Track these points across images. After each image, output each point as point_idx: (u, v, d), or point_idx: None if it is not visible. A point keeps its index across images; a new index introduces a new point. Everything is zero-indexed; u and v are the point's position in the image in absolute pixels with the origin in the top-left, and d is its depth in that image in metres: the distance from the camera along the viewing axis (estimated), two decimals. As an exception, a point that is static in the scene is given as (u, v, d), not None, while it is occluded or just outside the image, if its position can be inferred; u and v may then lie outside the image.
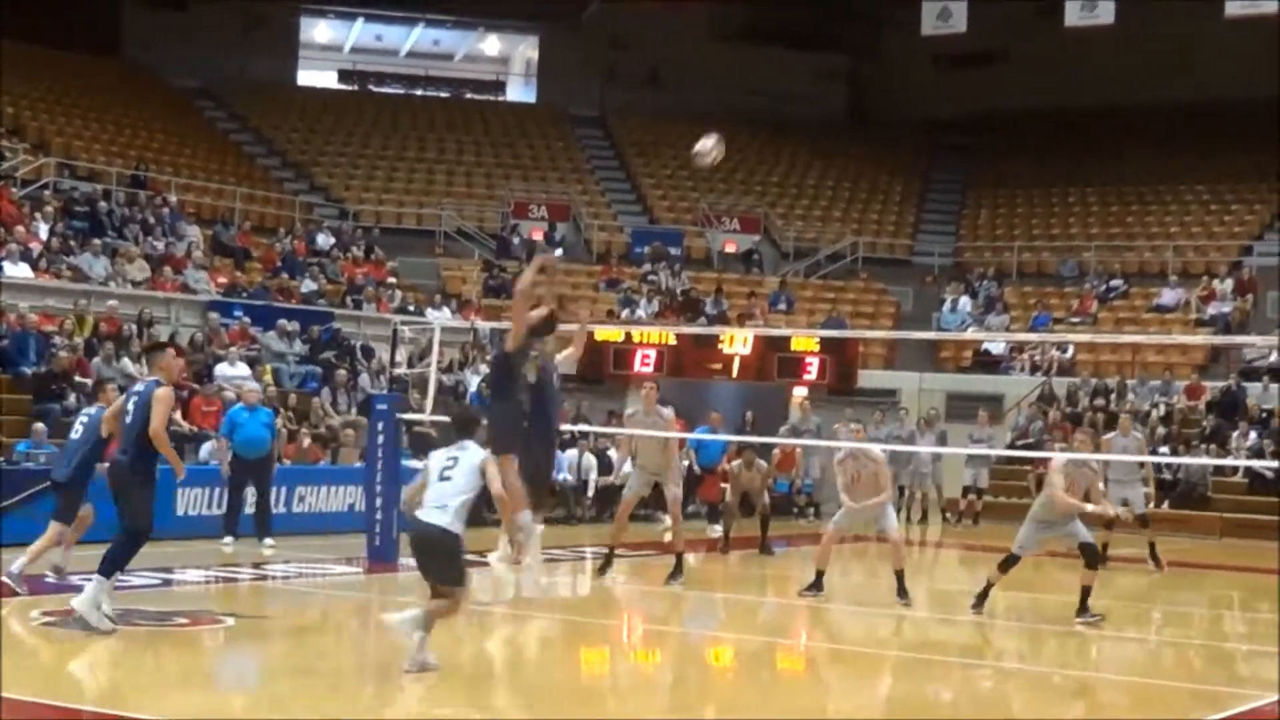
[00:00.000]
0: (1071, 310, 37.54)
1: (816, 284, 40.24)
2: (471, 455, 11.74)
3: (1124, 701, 12.52)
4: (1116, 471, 21.89)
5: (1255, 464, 28.78)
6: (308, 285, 32.22)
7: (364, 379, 28.44)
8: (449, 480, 11.61)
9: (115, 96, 39.93)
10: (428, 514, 11.54)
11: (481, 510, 13.33)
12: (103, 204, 31.10)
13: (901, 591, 17.04)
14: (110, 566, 12.74)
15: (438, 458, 11.85)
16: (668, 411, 19.22)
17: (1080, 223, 42.71)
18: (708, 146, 16.12)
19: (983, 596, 16.45)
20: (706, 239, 41.35)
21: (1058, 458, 16.78)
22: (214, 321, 27.80)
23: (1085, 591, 16.05)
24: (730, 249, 41.29)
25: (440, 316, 31.16)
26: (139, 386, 13.28)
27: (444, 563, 11.64)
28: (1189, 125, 43.47)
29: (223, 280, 30.65)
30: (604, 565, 19.03)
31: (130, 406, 13.03)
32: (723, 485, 25.92)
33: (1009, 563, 16.34)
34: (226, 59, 43.38)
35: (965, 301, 38.06)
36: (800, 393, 33.03)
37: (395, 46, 50.48)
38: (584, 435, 27.78)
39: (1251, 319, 35.89)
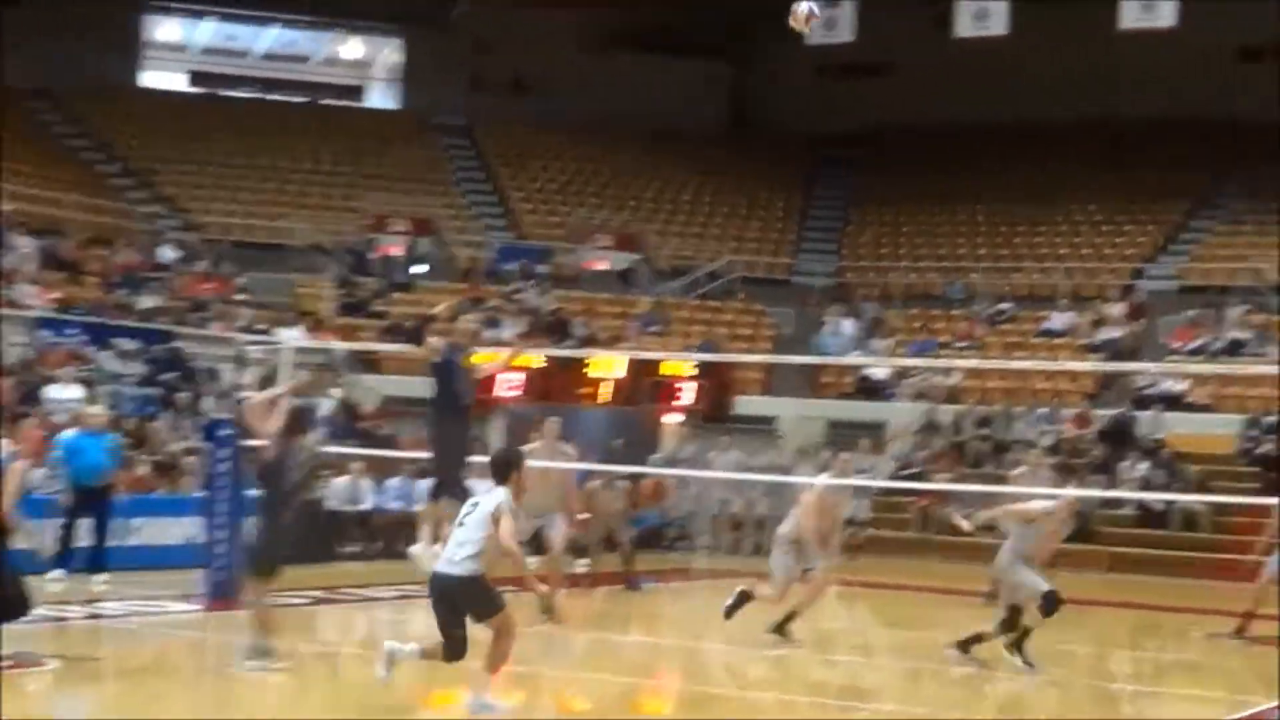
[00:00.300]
0: (958, 334, 37.91)
1: (692, 304, 40.33)
2: (490, 500, 12.32)
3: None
4: None
5: (1145, 496, 29.24)
6: (148, 302, 31.81)
7: (207, 403, 28.12)
8: (463, 526, 12.33)
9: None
10: (441, 564, 12.35)
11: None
12: (-76, 212, 30.61)
13: (782, 629, 17.12)
14: None
15: (467, 505, 12.63)
16: (570, 449, 19.34)
17: (968, 243, 43.15)
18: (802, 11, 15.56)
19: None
20: (576, 256, 41.34)
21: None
22: (42, 340, 27.36)
23: (978, 637, 16.31)
24: (602, 267, 41.31)
25: (291, 336, 30.88)
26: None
27: (476, 603, 12.26)
28: (1080, 143, 44.06)
29: (55, 295, 30.18)
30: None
31: None
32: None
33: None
34: (63, 58, 42.67)
35: (848, 324, 38.32)
36: (673, 419, 33.12)
37: (248, 47, 50.07)
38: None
39: (1143, 345, 36.43)
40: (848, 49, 41.38)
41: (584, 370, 33.13)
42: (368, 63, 51.57)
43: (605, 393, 33.16)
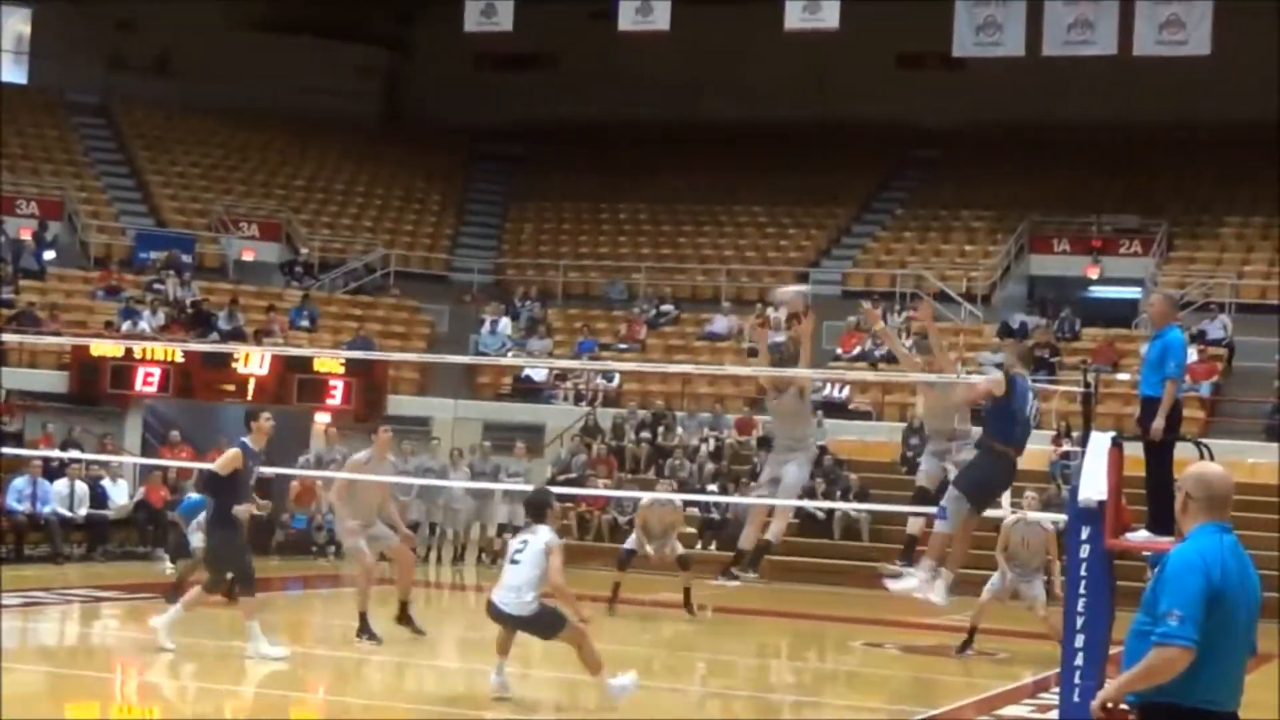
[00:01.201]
0: (619, 336, 38.29)
1: (343, 299, 40.01)
2: (539, 539, 14.32)
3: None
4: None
5: (806, 504, 29.80)
6: None
7: None
8: (519, 564, 14.25)
9: None
10: (505, 601, 14.22)
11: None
12: None
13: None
14: None
15: (514, 542, 14.78)
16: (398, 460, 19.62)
17: (631, 242, 43.60)
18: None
19: None
20: (221, 246, 40.67)
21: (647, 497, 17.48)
22: None
23: None
24: (249, 257, 40.72)
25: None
26: None
27: (547, 629, 14.40)
28: (744, 144, 44.81)
29: None
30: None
31: None
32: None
33: None
34: None
35: (505, 323, 38.41)
36: (323, 419, 32.86)
37: None
38: (75, 461, 27.02)
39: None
40: (507, 39, 41.38)
41: (230, 366, 32.68)
42: (-7, 33, 49.94)
43: (251, 390, 32.78)
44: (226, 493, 16.54)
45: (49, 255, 38.09)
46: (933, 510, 13.86)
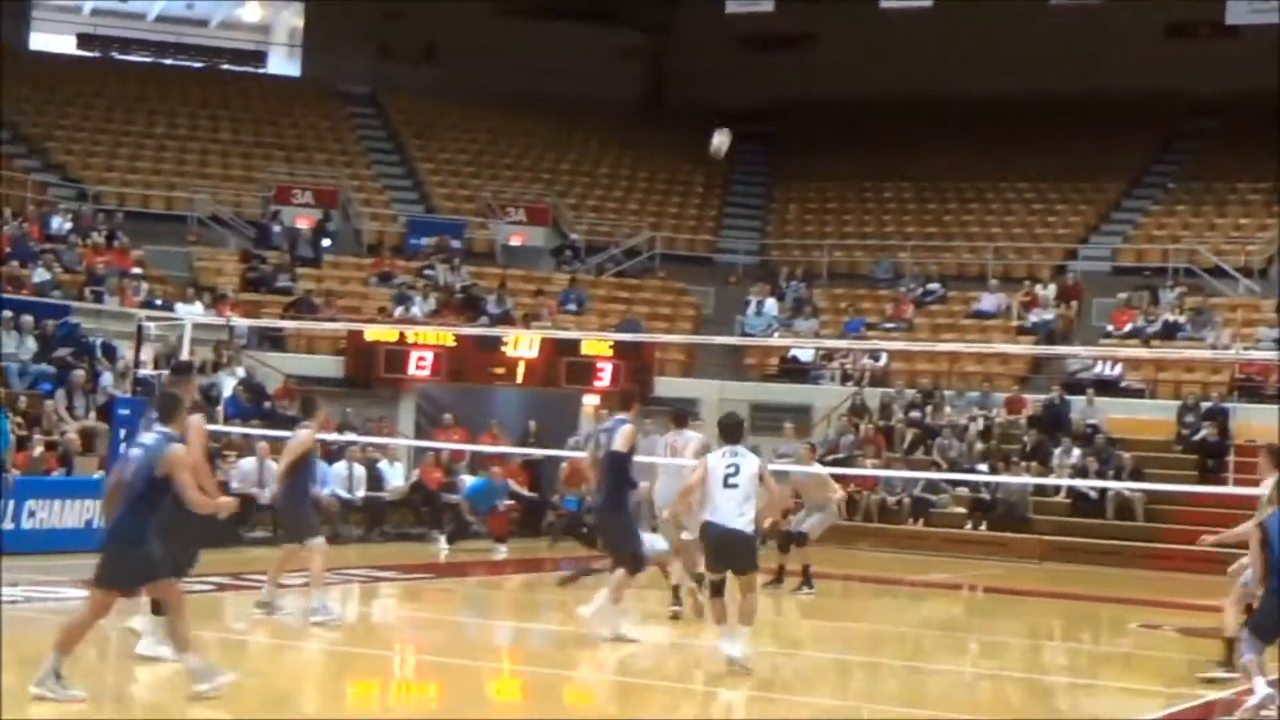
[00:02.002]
0: (886, 315, 38.08)
1: (610, 282, 40.36)
2: (750, 463, 14.63)
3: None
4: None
5: (1078, 483, 29.52)
6: (41, 275, 31.54)
7: (105, 380, 27.94)
8: (736, 487, 14.46)
9: None
10: (729, 519, 14.37)
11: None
12: None
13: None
14: None
15: (716, 459, 14.72)
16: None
17: (896, 221, 43.33)
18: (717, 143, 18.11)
19: None
20: (490, 231, 41.29)
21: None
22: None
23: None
24: (517, 242, 41.26)
25: (192, 312, 30.70)
26: None
27: (744, 558, 14.56)
28: (1012, 120, 44.23)
29: (-58, 267, 29.93)
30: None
31: None
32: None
33: None
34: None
35: (771, 304, 38.42)
36: (591, 401, 33.17)
37: (142, 10, 49.64)
38: (352, 444, 27.64)
39: (1075, 328, 36.73)
40: (769, 19, 41.48)
41: (500, 349, 33.17)
42: (267, 27, 51.25)
43: (521, 373, 33.26)
44: (624, 473, 16.75)
45: (325, 243, 39.00)
46: None
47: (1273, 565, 13.39)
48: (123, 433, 19.26)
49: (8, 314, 28.06)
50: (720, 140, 19.49)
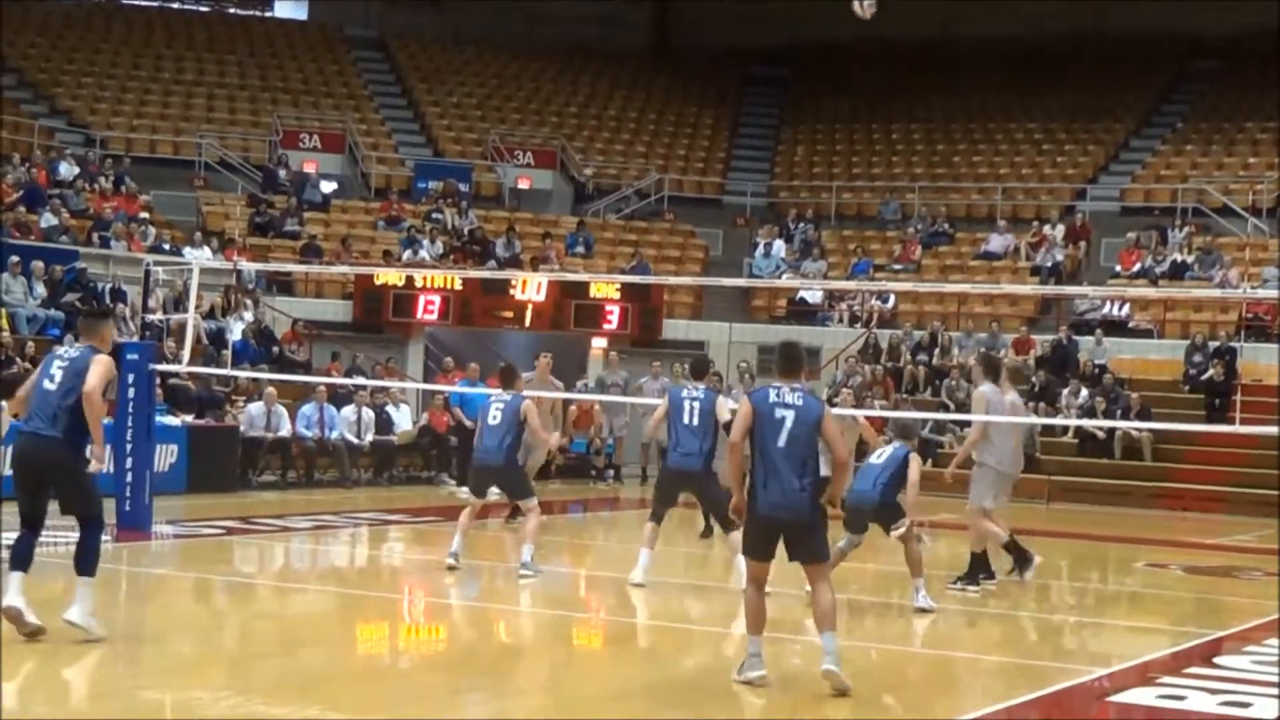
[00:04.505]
0: (894, 256, 38.04)
1: (618, 225, 40.31)
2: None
3: (944, 678, 12.77)
4: None
5: (1086, 423, 29.49)
6: (48, 220, 31.54)
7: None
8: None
9: None
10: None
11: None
12: None
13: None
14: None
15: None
16: (558, 382, 19.88)
17: (904, 162, 43.26)
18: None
19: None
20: (497, 174, 41.22)
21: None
22: (-60, 260, 27.14)
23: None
24: (525, 185, 41.20)
25: (200, 256, 30.75)
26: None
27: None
28: (1020, 62, 44.15)
29: (-50, 214, 29.92)
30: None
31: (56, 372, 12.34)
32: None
33: None
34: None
35: (779, 246, 38.40)
36: (600, 343, 33.18)
37: (148, -46, 49.39)
38: (360, 389, 27.66)
39: (1084, 268, 36.69)
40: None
41: (508, 293, 33.16)
42: (274, -29, 51.04)
43: (529, 316, 33.26)
44: None
45: (331, 187, 38.97)
46: None
47: None
48: (130, 377, 19.22)
49: (15, 259, 28.10)
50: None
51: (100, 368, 12.14)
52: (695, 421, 15.96)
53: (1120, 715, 11.51)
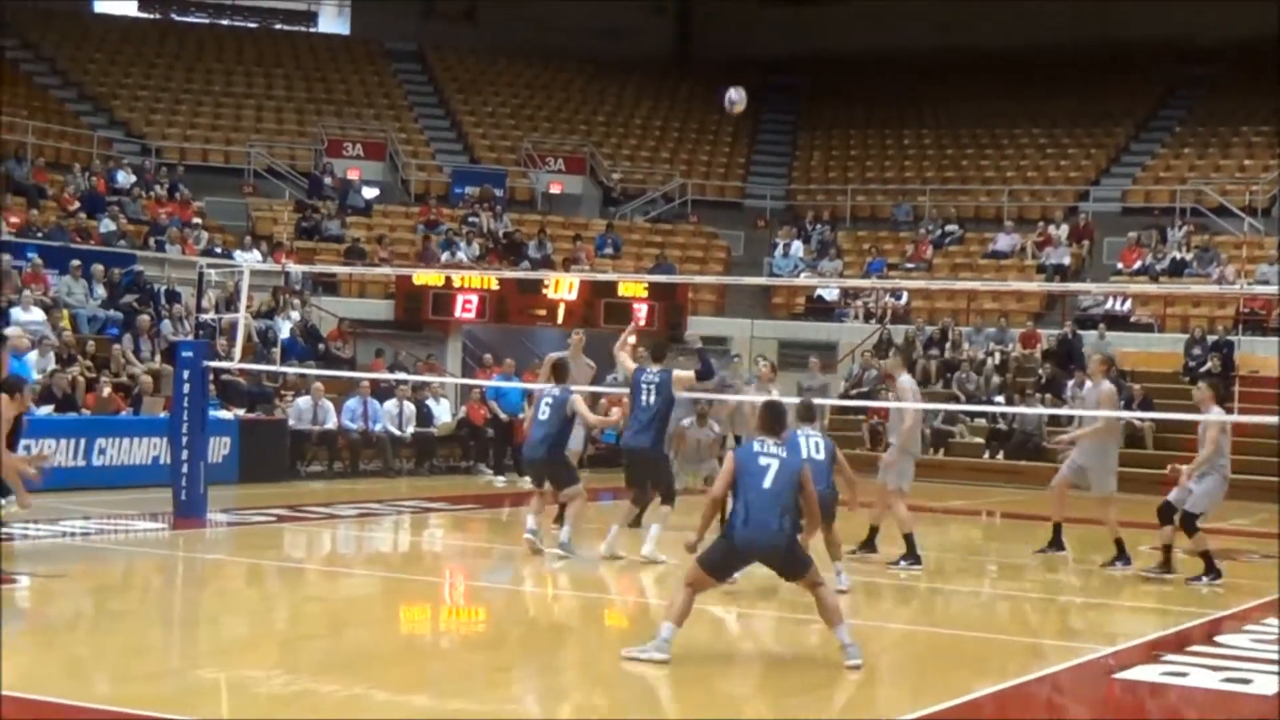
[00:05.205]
0: (906, 256, 38.01)
1: (644, 227, 40.33)
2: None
3: (955, 657, 12.73)
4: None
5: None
6: (107, 226, 31.63)
7: (167, 325, 28.02)
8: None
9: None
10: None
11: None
12: (-118, 138, 30.23)
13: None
14: None
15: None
16: (590, 361, 19.83)
17: (915, 166, 43.22)
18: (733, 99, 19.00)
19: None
20: (530, 180, 41.24)
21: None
22: (5, 263, 27.17)
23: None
24: (556, 190, 41.24)
25: (249, 259, 30.77)
26: None
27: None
28: (1025, 69, 44.08)
29: (15, 220, 29.97)
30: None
31: None
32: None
33: None
34: (14, -16, 42.27)
35: (797, 246, 38.39)
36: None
37: (197, -27, 49.46)
38: (402, 384, 27.66)
39: (1087, 266, 36.63)
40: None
41: (541, 292, 33.16)
42: (318, -12, 51.06)
43: (561, 314, 33.25)
44: None
45: (373, 193, 39.03)
46: None
47: None
48: (185, 374, 19.26)
49: (76, 263, 28.18)
50: (736, 96, 19.09)
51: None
52: (651, 400, 16.18)
53: (1126, 691, 11.47)
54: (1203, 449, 17.00)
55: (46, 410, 22.29)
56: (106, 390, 24.04)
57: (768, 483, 11.30)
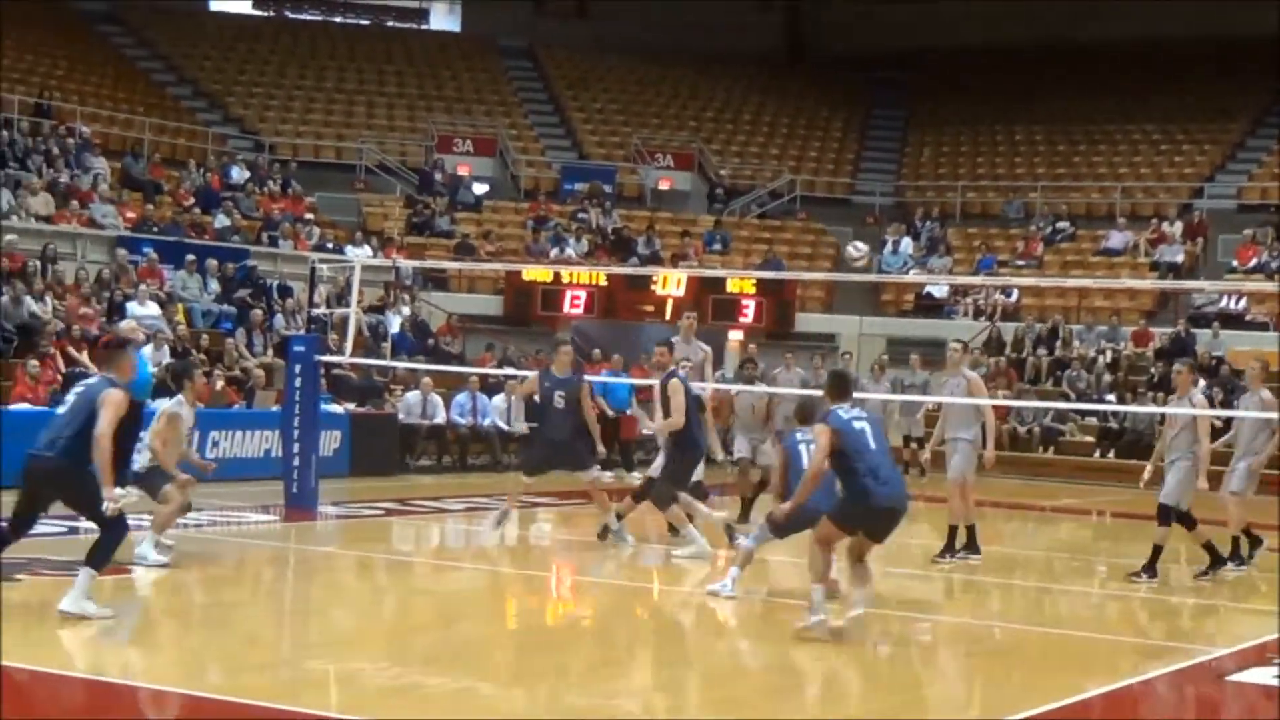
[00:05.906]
0: (1017, 253, 37.72)
1: (753, 223, 40.27)
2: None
3: (1065, 656, 12.63)
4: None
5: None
6: (221, 221, 31.98)
7: (280, 319, 28.29)
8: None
9: (11, 20, 39.19)
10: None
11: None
12: (3, 133, 30.69)
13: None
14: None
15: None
16: (704, 345, 19.72)
17: (1026, 162, 42.89)
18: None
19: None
20: (639, 176, 41.28)
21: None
22: (122, 258, 27.54)
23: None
24: (665, 186, 41.26)
25: (360, 254, 31.01)
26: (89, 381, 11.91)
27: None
28: (1138, 63, 43.63)
29: (132, 215, 30.37)
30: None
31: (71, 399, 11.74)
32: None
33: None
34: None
35: (907, 243, 38.17)
36: (736, 335, 33.12)
37: (311, -29, 49.88)
38: (510, 378, 27.75)
39: (1201, 263, 36.19)
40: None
41: (650, 288, 33.19)
42: (430, -14, 51.36)
43: (670, 309, 33.25)
44: None
45: (483, 189, 39.21)
46: None
47: None
48: (297, 368, 19.44)
49: (191, 258, 28.51)
50: (855, 252, 19.56)
51: (110, 410, 11.29)
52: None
53: (1240, 693, 11.33)
54: (1201, 440, 16.77)
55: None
56: (220, 383, 24.30)
57: (873, 443, 11.71)
